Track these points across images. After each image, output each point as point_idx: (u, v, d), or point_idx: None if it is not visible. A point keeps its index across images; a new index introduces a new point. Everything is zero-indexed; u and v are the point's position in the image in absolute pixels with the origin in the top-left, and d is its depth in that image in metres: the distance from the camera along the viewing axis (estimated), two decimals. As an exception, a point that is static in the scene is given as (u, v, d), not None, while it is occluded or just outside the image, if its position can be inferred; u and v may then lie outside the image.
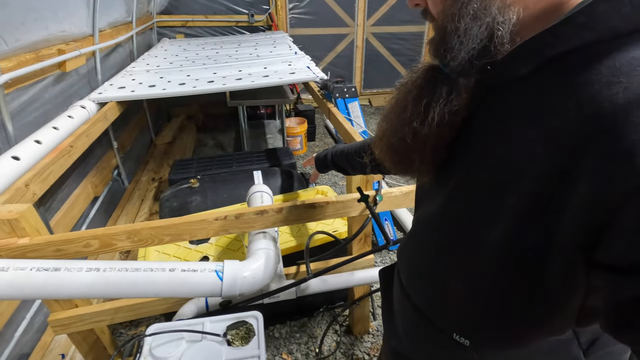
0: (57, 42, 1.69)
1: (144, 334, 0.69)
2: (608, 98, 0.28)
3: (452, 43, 0.35)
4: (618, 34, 0.30)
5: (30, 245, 0.87)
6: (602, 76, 0.29)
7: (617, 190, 0.26)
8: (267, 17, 3.88)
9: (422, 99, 0.39)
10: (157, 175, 2.57)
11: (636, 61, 0.28)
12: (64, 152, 1.25)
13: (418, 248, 0.52)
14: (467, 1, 0.34)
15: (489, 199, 0.37)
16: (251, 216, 0.99)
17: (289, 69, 2.11)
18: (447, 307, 0.46)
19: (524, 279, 0.35)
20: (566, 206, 0.30)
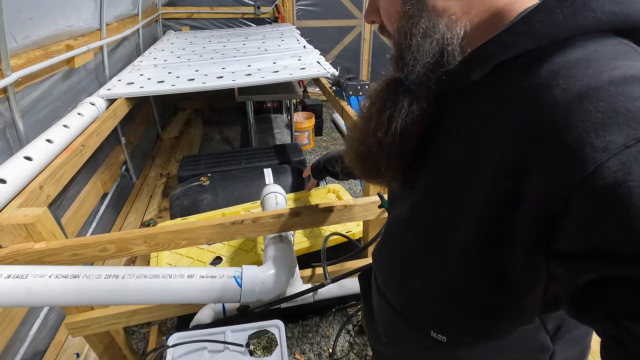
0: (65, 37, 1.67)
1: (167, 344, 0.68)
2: (549, 99, 0.30)
3: (407, 59, 0.38)
4: (554, 40, 0.32)
5: (47, 250, 0.86)
6: (543, 79, 0.31)
7: (566, 183, 0.28)
8: (273, 8, 3.82)
9: (385, 110, 0.41)
10: (165, 171, 2.56)
11: (571, 64, 0.31)
12: (76, 151, 1.24)
13: (391, 250, 0.53)
14: (416, 21, 0.37)
15: (452, 200, 0.39)
16: (268, 220, 0.97)
17: (298, 64, 2.08)
18: (422, 306, 0.47)
19: (490, 274, 0.38)
20: (522, 202, 0.32)
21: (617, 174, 0.25)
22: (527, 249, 0.33)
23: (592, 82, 0.29)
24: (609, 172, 0.26)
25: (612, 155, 0.26)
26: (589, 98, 0.28)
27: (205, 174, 1.82)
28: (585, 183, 0.27)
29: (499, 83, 0.35)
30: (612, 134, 0.26)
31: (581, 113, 0.28)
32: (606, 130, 0.27)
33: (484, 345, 0.45)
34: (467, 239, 0.38)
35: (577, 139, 0.28)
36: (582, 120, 0.28)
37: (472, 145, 0.37)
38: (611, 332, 0.29)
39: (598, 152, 0.26)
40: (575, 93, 0.29)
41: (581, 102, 0.28)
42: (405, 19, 0.38)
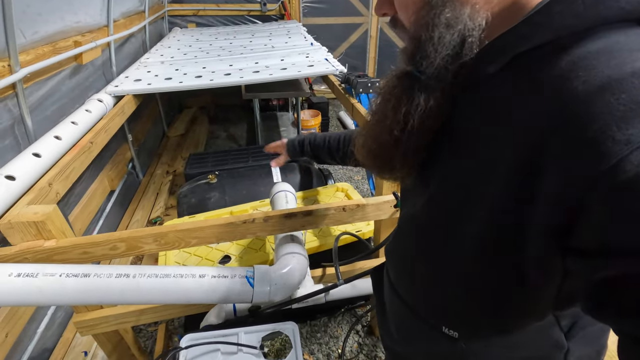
0: (72, 33, 1.66)
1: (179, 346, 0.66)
2: (568, 91, 0.29)
3: (427, 51, 0.36)
4: (574, 31, 0.31)
5: (57, 248, 0.85)
6: (562, 71, 0.30)
7: (584, 178, 0.27)
8: (279, 5, 3.80)
9: (400, 107, 0.40)
10: (172, 168, 2.55)
11: (592, 55, 0.30)
12: (84, 148, 1.23)
13: (405, 246, 0.53)
14: (439, 11, 0.36)
15: (467, 195, 0.38)
16: (279, 219, 0.96)
17: (306, 61, 2.06)
18: (435, 301, 0.47)
19: (505, 270, 0.37)
20: (538, 196, 0.31)
21: (639, 167, 0.25)
22: (542, 245, 0.33)
23: (614, 74, 0.28)
24: (631, 166, 0.25)
25: (634, 148, 0.25)
26: (610, 90, 0.27)
27: (212, 172, 1.80)
28: (606, 177, 0.26)
29: (515, 75, 0.35)
30: (634, 127, 0.25)
31: (602, 105, 0.27)
32: (628, 123, 0.26)
33: (496, 341, 0.44)
34: (482, 234, 0.37)
35: (597, 132, 0.27)
36: (603, 113, 0.27)
37: (488, 140, 0.36)
38: (627, 330, 0.28)
39: (620, 146, 0.26)
40: (596, 85, 0.28)
41: (602, 94, 0.27)
42: (426, 9, 0.37)
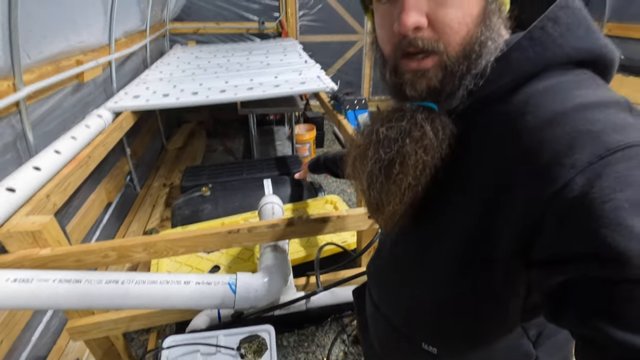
0: (75, 52, 1.75)
1: (162, 346, 0.71)
2: (523, 124, 0.34)
3: (470, 66, 0.39)
4: (528, 73, 0.37)
5: (51, 255, 0.91)
6: (517, 107, 0.36)
7: (539, 200, 0.31)
8: (277, 24, 3.93)
9: (417, 156, 0.41)
10: (169, 181, 2.62)
11: (540, 93, 0.35)
12: (82, 162, 1.29)
13: (385, 264, 0.56)
14: (493, 34, 0.39)
15: (439, 224, 0.42)
16: (263, 229, 1.01)
17: (299, 79, 2.14)
18: (414, 319, 0.50)
19: (475, 289, 0.41)
20: (502, 221, 0.35)
21: (583, 188, 0.29)
22: (508, 263, 0.37)
23: (559, 109, 0.33)
24: (577, 187, 0.29)
25: (578, 172, 0.29)
26: (556, 122, 0.32)
27: (206, 185, 1.87)
28: (557, 198, 0.30)
29: (483, 112, 0.40)
30: (578, 153, 0.30)
31: (551, 135, 0.32)
32: (574, 150, 0.30)
33: (472, 356, 0.48)
34: (453, 256, 0.41)
35: (548, 158, 0.31)
36: (552, 142, 0.32)
37: (458, 168, 0.41)
38: (582, 332, 0.31)
39: (567, 169, 0.30)
40: (545, 118, 0.33)
41: (550, 126, 0.32)
42: (483, 26, 0.37)
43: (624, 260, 0.26)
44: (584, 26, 0.37)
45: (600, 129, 0.30)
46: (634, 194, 0.27)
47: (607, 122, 0.31)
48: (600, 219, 0.28)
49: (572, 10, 0.37)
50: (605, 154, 0.29)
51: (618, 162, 0.29)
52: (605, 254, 0.27)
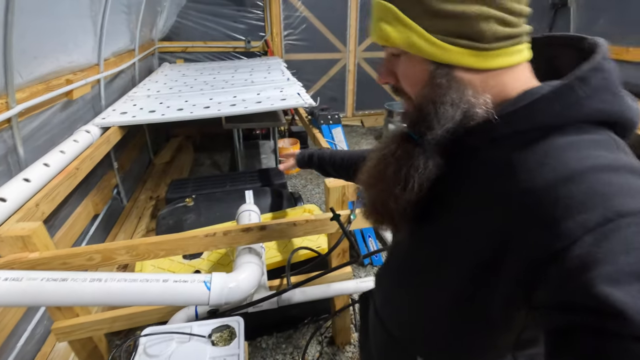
0: (65, 72, 1.84)
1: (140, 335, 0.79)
2: (539, 176, 0.36)
3: (431, 123, 0.42)
4: (550, 125, 0.39)
5: (40, 259, 0.99)
6: (538, 157, 0.37)
7: (545, 252, 0.33)
8: (263, 43, 4.10)
9: (401, 170, 0.45)
10: (155, 194, 2.69)
11: (561, 148, 0.37)
12: (70, 174, 1.38)
13: (389, 278, 0.59)
14: (446, 91, 0.41)
15: (443, 255, 0.45)
16: (238, 233, 1.11)
17: (280, 95, 2.27)
18: (412, 332, 0.53)
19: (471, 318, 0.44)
20: (502, 265, 0.37)
21: (590, 247, 0.30)
22: (505, 305, 0.38)
23: (577, 167, 0.34)
24: (584, 245, 0.31)
25: (588, 231, 0.31)
26: (572, 180, 0.34)
27: (190, 196, 1.95)
28: (563, 253, 0.32)
29: (498, 153, 0.41)
30: (588, 213, 0.31)
31: (566, 192, 0.33)
32: (585, 210, 0.32)
33: None
34: (452, 292, 0.43)
35: (559, 214, 0.33)
36: (566, 198, 0.33)
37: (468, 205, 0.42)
38: None
39: (576, 228, 0.31)
40: (563, 174, 0.34)
41: (566, 183, 0.34)
42: (432, 88, 0.42)
43: (623, 316, 0.28)
44: (611, 91, 0.38)
45: (614, 192, 0.32)
46: (637, 258, 0.29)
47: (621, 186, 0.32)
48: (603, 277, 0.29)
49: (603, 73, 0.38)
50: (616, 217, 0.30)
51: (627, 227, 0.30)
52: (606, 309, 0.28)
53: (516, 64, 0.42)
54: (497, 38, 0.40)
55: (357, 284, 1.28)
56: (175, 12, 3.81)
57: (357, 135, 4.39)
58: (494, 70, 0.41)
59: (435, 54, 0.41)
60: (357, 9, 4.25)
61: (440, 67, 0.42)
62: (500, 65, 0.41)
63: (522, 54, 0.42)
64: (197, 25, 3.90)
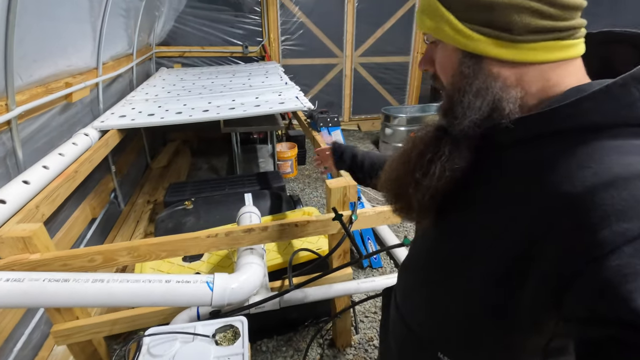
0: (64, 75, 1.84)
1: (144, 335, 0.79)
2: (580, 180, 0.34)
3: (457, 112, 0.42)
4: (597, 126, 0.36)
5: (41, 260, 0.98)
6: (578, 160, 0.35)
7: (580, 259, 0.31)
8: (260, 48, 4.12)
9: (425, 154, 0.45)
10: (152, 198, 2.68)
11: (605, 151, 0.35)
12: (69, 176, 1.37)
13: (412, 275, 0.58)
14: (471, 80, 0.41)
15: (471, 252, 0.43)
16: (239, 234, 1.11)
17: (278, 99, 2.28)
18: (434, 329, 0.52)
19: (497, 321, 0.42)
20: (534, 270, 0.35)
21: (629, 259, 0.29)
22: (533, 309, 0.37)
23: (622, 172, 0.32)
24: (623, 256, 0.29)
25: (627, 241, 0.29)
26: (615, 186, 0.32)
27: (189, 199, 1.95)
28: (600, 262, 0.30)
29: (536, 152, 0.39)
30: (629, 222, 0.30)
31: (606, 198, 0.31)
32: (626, 218, 0.30)
33: None
34: (478, 291, 0.42)
35: (598, 220, 0.31)
36: (605, 205, 0.31)
37: (499, 202, 0.41)
38: None
39: (616, 237, 0.30)
40: (605, 179, 0.32)
41: (607, 188, 0.32)
42: (460, 77, 0.42)
43: None
44: None
45: None
46: None
47: None
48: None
49: None
50: None
51: None
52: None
53: (562, 60, 0.40)
54: (530, 30, 0.38)
55: (358, 285, 1.28)
56: (173, 17, 3.82)
57: (355, 140, 4.41)
58: (532, 64, 0.40)
59: (461, 42, 0.41)
60: (353, 14, 4.29)
61: (468, 56, 0.41)
62: (538, 59, 0.39)
63: (571, 49, 0.40)
64: (195, 30, 3.92)
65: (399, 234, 2.41)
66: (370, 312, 1.79)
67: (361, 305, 1.80)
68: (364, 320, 1.74)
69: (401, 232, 2.46)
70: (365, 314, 1.78)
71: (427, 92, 4.82)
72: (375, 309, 1.80)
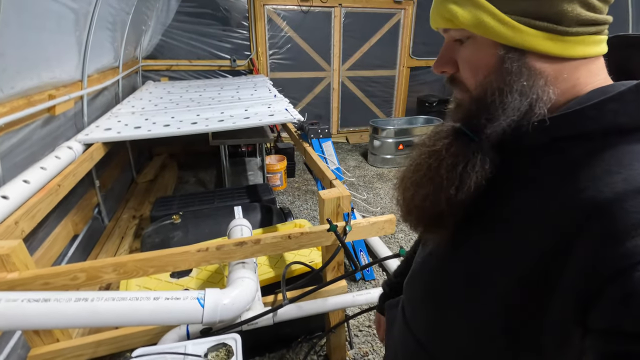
0: (48, 88, 1.80)
1: (131, 357, 0.74)
2: (608, 185, 0.32)
3: (494, 114, 0.38)
4: (624, 128, 0.35)
5: (19, 279, 0.92)
6: (605, 164, 0.33)
7: (608, 268, 0.30)
8: (248, 62, 4.14)
9: (457, 166, 0.40)
10: (138, 213, 2.60)
11: (635, 156, 0.33)
12: (51, 191, 1.32)
13: (424, 286, 0.53)
14: (516, 78, 0.37)
15: (491, 264, 0.40)
16: (231, 247, 1.07)
17: (268, 111, 2.27)
18: (448, 346, 0.48)
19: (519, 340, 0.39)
20: (560, 279, 0.33)
21: None
22: (560, 321, 0.34)
23: None
24: None
25: None
26: None
27: (177, 213, 1.90)
28: (629, 272, 0.28)
29: (559, 155, 0.37)
30: None
31: (636, 205, 0.30)
32: None
33: None
34: (502, 303, 0.39)
35: (628, 228, 0.29)
36: (635, 213, 0.30)
37: (521, 210, 0.38)
38: None
39: None
40: (634, 186, 0.31)
41: (637, 196, 0.30)
42: (500, 74, 0.38)
43: None
44: None
45: None
46: None
47: None
48: None
49: None
50: None
51: None
52: None
53: (595, 56, 0.38)
54: (579, 22, 0.36)
55: (354, 297, 1.25)
56: (160, 31, 3.81)
57: (343, 152, 4.43)
58: (571, 59, 0.37)
59: (507, 36, 0.37)
60: (340, 29, 4.37)
61: (512, 51, 0.38)
62: (580, 54, 0.37)
63: (602, 45, 0.38)
64: (182, 44, 3.91)
65: (391, 245, 2.40)
66: (364, 325, 1.75)
67: (355, 319, 1.76)
68: (358, 334, 1.71)
69: (392, 242, 2.45)
70: (359, 328, 1.74)
71: (414, 104, 4.90)
72: (370, 323, 1.76)
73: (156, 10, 3.63)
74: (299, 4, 4.11)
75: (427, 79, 4.90)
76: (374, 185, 3.44)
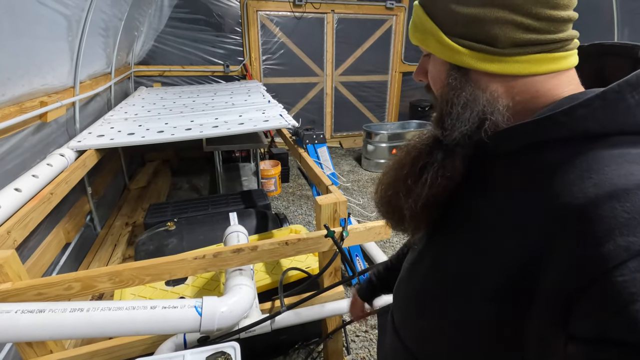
0: (39, 94, 1.77)
1: (128, 367, 0.73)
2: (580, 191, 0.32)
3: (446, 124, 0.42)
4: (592, 134, 0.35)
5: (12, 289, 0.91)
6: (578, 170, 0.34)
7: (585, 274, 0.30)
8: (241, 67, 4.14)
9: (419, 161, 0.45)
10: (131, 220, 2.57)
11: (605, 161, 0.33)
12: (44, 199, 1.30)
13: (408, 293, 0.54)
14: (459, 92, 0.41)
15: (467, 272, 0.41)
16: (228, 254, 1.07)
17: (262, 117, 2.27)
18: (434, 352, 0.48)
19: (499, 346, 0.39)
20: (536, 288, 0.33)
21: (635, 274, 0.27)
22: (539, 330, 0.34)
23: (621, 183, 0.31)
24: (628, 272, 0.27)
25: (632, 256, 0.28)
26: (617, 198, 0.30)
27: (171, 220, 1.88)
28: (605, 278, 0.28)
29: (530, 162, 0.38)
30: (635, 236, 0.28)
31: (608, 210, 0.30)
32: (630, 231, 0.28)
33: None
34: (477, 314, 0.39)
35: (601, 234, 0.29)
36: (608, 217, 0.30)
37: (494, 216, 0.39)
38: None
39: (620, 251, 0.28)
40: (605, 190, 0.31)
41: (610, 200, 0.30)
42: (447, 88, 0.42)
43: None
44: None
45: None
46: None
47: None
48: None
49: None
50: None
51: None
52: None
53: (551, 72, 0.40)
54: (514, 44, 0.38)
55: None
56: (152, 37, 3.80)
57: (337, 157, 4.44)
58: (520, 76, 0.40)
59: (448, 55, 0.42)
60: (333, 35, 4.41)
61: (455, 68, 0.42)
62: (525, 72, 0.39)
63: (561, 61, 0.40)
64: (175, 49, 3.90)
65: (386, 250, 2.41)
66: (361, 330, 1.75)
67: (352, 325, 1.76)
68: (355, 340, 1.70)
69: (388, 248, 2.45)
70: (356, 333, 1.74)
71: (406, 109, 4.95)
72: (367, 328, 1.76)
73: (149, 16, 3.62)
74: (292, 10, 4.14)
75: (419, 84, 4.89)
76: (368, 190, 3.46)
